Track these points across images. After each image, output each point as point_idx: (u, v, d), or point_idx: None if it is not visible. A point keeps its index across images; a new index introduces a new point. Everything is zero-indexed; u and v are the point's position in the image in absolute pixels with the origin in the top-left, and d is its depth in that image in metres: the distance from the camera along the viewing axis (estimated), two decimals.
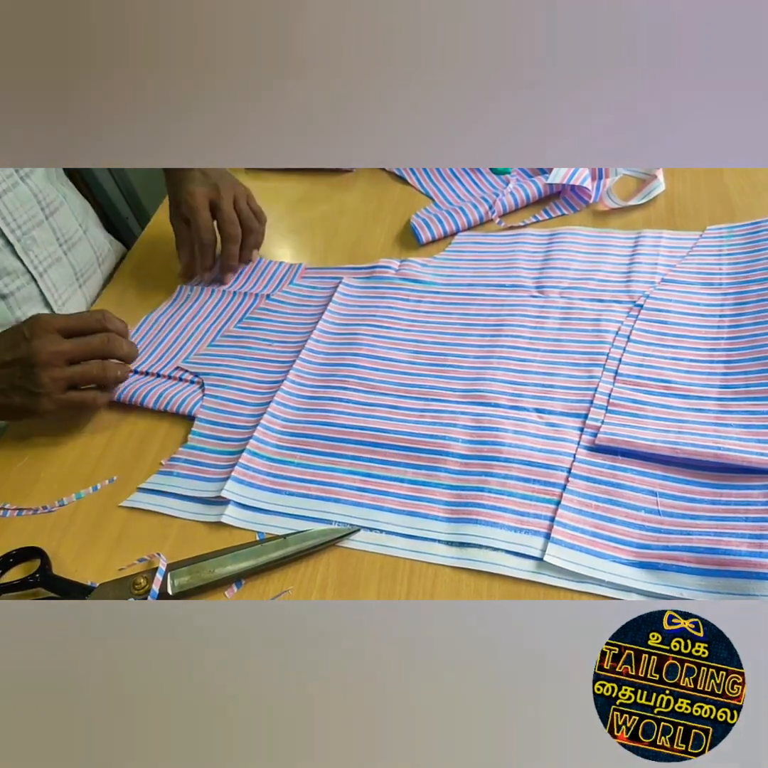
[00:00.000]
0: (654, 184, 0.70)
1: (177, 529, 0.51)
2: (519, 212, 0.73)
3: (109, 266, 0.80)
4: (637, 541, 0.44)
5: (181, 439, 0.57)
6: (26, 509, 0.54)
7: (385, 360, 0.60)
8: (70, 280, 0.71)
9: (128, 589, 0.46)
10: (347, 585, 0.45)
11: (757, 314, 0.55)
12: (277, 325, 0.66)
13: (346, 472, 0.51)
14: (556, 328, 0.59)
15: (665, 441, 0.47)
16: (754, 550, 0.40)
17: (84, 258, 0.73)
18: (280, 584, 0.46)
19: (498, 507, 0.47)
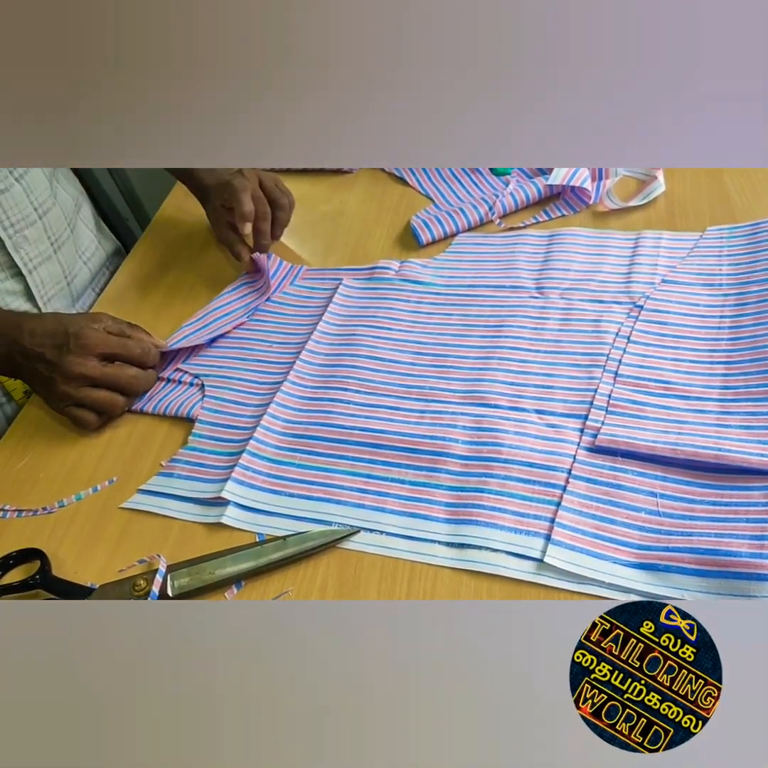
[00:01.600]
0: (654, 185, 0.70)
1: (177, 530, 0.51)
2: (519, 213, 0.73)
3: (98, 264, 0.81)
4: (638, 543, 0.44)
5: (180, 440, 0.57)
6: (26, 510, 0.54)
7: (385, 361, 0.60)
8: (58, 278, 0.72)
9: (128, 591, 0.46)
10: (347, 586, 0.45)
11: (757, 315, 0.55)
12: (278, 326, 0.66)
13: (346, 474, 0.51)
14: (556, 329, 0.59)
15: (665, 442, 0.47)
16: (755, 551, 0.40)
17: (70, 256, 0.74)
18: (280, 585, 0.46)
19: (498, 508, 0.47)
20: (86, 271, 0.78)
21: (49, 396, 0.58)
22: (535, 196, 0.73)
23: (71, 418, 0.58)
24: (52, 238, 0.70)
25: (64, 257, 0.73)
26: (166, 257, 0.77)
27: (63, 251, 0.72)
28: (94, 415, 0.58)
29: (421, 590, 0.44)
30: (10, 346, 0.58)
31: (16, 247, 0.66)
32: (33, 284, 0.68)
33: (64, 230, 0.73)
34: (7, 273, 0.67)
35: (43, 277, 0.69)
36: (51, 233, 0.70)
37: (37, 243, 0.68)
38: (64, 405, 0.58)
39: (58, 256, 0.72)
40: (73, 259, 0.75)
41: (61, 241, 0.72)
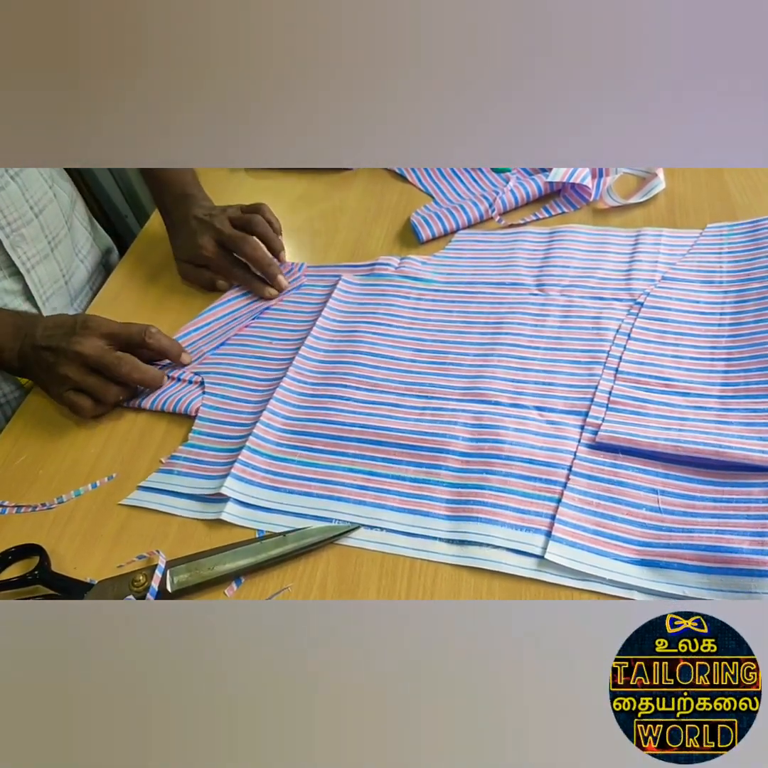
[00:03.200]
0: (654, 182, 0.70)
1: (176, 526, 0.50)
2: (519, 210, 0.73)
3: (94, 262, 0.80)
4: (639, 539, 0.44)
5: (180, 436, 0.57)
6: (25, 506, 0.54)
7: (385, 358, 0.59)
8: (56, 277, 0.72)
9: (127, 587, 0.46)
10: (347, 583, 0.45)
11: (757, 312, 0.55)
12: (277, 323, 0.66)
13: (347, 470, 0.51)
14: (556, 326, 0.59)
15: (666, 439, 0.47)
16: (756, 548, 0.40)
17: (67, 254, 0.74)
18: (279, 582, 0.46)
19: (499, 505, 0.46)
20: (83, 269, 0.78)
21: (50, 382, 0.58)
22: (535, 193, 0.72)
23: (68, 404, 0.58)
24: (49, 237, 0.70)
25: (62, 255, 0.73)
26: (164, 254, 0.76)
27: (60, 249, 0.72)
28: (91, 402, 0.58)
29: (421, 587, 0.44)
30: (23, 341, 0.59)
31: (13, 246, 0.66)
32: (31, 283, 0.68)
33: (61, 228, 0.73)
34: (5, 272, 0.67)
35: (41, 276, 0.69)
36: (48, 231, 0.70)
37: (34, 242, 0.68)
38: (63, 390, 0.57)
39: (56, 254, 0.71)
40: (70, 257, 0.75)
41: (58, 240, 0.72)
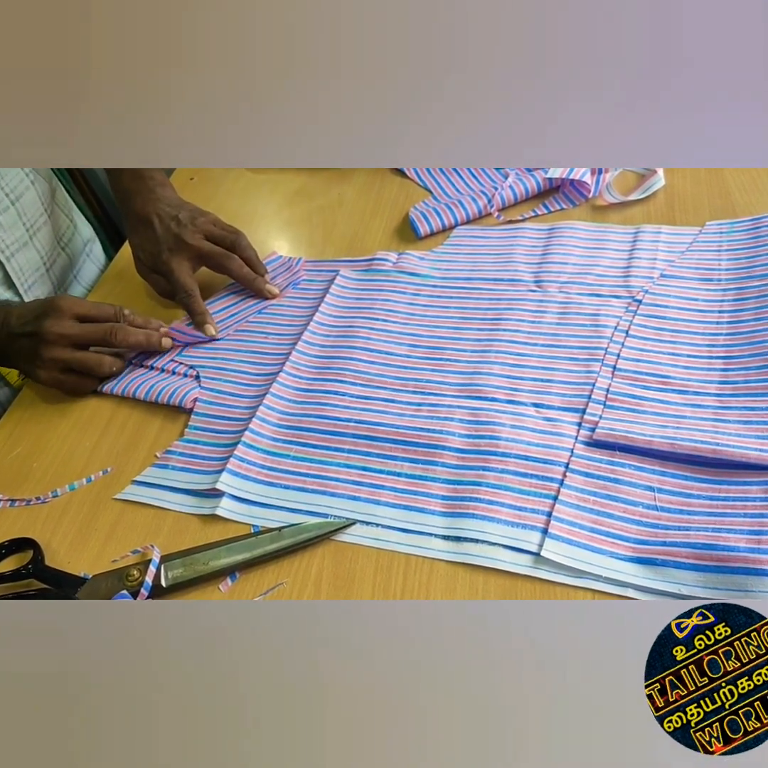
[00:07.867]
0: (654, 179, 0.69)
1: (171, 521, 0.50)
2: (518, 206, 0.73)
3: (76, 250, 0.80)
4: (635, 537, 0.43)
5: (175, 431, 0.57)
6: (19, 500, 0.53)
7: (381, 353, 0.59)
8: (36, 264, 0.71)
9: (122, 581, 0.45)
10: (342, 578, 0.45)
11: (756, 310, 0.54)
12: (273, 318, 0.66)
13: (342, 466, 0.51)
14: (554, 322, 0.59)
15: (663, 436, 0.47)
16: (753, 546, 0.40)
17: (47, 242, 0.73)
18: (275, 577, 0.46)
19: (495, 501, 0.46)
20: (64, 256, 0.77)
21: (37, 368, 0.58)
22: (534, 189, 0.72)
23: (61, 386, 0.58)
24: (27, 224, 0.70)
25: (41, 243, 0.72)
26: None
27: (39, 237, 0.72)
28: (86, 378, 0.59)
29: (417, 583, 0.44)
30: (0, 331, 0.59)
31: None
32: (12, 271, 0.68)
33: (39, 216, 0.72)
34: None
35: (21, 264, 0.69)
36: (26, 219, 0.70)
37: (12, 229, 0.68)
38: (53, 373, 0.57)
39: (35, 241, 0.71)
40: (52, 244, 0.74)
41: (36, 227, 0.71)
